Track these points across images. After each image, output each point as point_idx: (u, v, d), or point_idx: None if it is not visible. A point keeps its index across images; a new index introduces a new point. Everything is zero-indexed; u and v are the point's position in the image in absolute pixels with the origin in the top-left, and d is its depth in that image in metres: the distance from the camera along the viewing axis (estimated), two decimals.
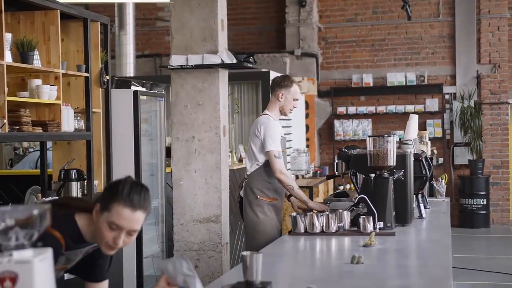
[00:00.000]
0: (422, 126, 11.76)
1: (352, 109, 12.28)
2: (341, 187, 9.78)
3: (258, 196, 4.93)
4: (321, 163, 12.15)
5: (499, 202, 12.02)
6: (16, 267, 1.68)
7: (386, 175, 4.21)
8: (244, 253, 2.55)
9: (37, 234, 1.74)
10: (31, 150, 8.09)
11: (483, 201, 11.65)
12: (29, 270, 1.69)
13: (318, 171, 10.13)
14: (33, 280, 1.69)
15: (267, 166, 4.91)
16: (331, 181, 10.14)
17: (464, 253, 9.46)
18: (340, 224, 4.07)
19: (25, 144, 8.43)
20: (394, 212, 4.17)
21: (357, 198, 4.22)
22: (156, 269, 6.46)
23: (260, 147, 4.92)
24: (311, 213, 4.12)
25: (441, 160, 11.98)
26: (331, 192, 9.74)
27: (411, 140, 5.07)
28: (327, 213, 4.17)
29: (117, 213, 2.44)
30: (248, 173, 5.03)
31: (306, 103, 11.64)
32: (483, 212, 11.68)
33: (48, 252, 1.75)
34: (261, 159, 4.93)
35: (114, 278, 5.63)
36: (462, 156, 11.98)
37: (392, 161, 4.20)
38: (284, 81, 5.06)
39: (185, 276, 2.29)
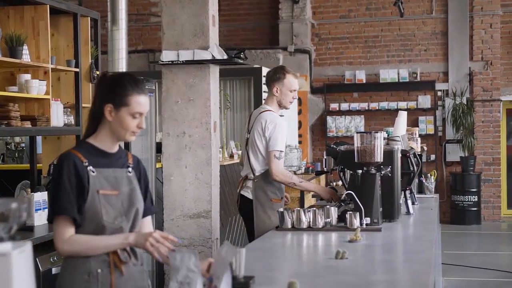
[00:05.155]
0: (414, 123, 11.80)
1: (345, 106, 12.30)
2: (334, 183, 9.78)
3: (272, 199, 4.84)
4: (314, 159, 12.17)
5: (490, 199, 12.06)
6: None
7: (373, 171, 4.22)
8: None
9: (15, 227, 1.75)
10: (23, 145, 8.07)
11: (474, 198, 11.70)
12: (7, 262, 1.69)
13: (310, 167, 10.13)
14: (11, 273, 1.70)
15: None
16: (323, 177, 10.15)
17: (454, 249, 9.49)
18: (327, 220, 4.09)
19: (17, 139, 8.42)
20: (381, 208, 4.18)
21: (344, 194, 4.23)
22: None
23: (266, 146, 4.82)
24: (298, 208, 4.13)
25: (433, 157, 12.02)
26: None
27: (399, 136, 5.08)
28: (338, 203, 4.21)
29: (136, 103, 2.74)
30: (256, 174, 4.86)
31: (299, 100, 11.67)
32: (475, 208, 11.72)
33: (27, 245, 1.77)
34: None
35: None
36: (454, 153, 12.01)
37: (379, 157, 4.21)
38: (276, 74, 4.89)
39: (189, 271, 2.30)
